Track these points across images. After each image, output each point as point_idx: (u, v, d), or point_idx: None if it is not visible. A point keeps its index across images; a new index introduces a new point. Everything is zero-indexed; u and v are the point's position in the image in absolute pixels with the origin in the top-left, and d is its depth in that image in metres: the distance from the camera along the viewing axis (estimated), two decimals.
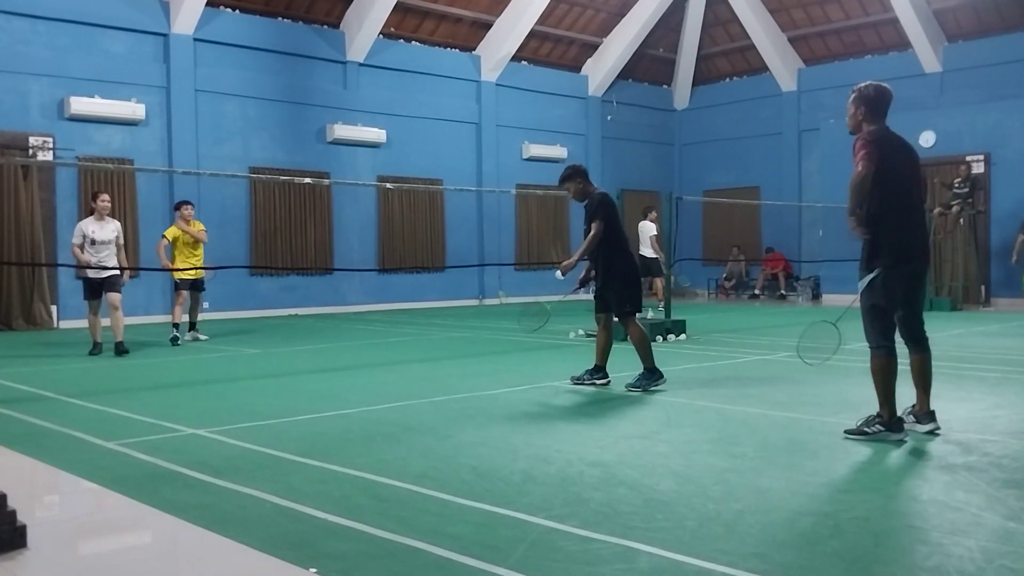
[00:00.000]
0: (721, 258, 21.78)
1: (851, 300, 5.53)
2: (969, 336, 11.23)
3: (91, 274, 9.97)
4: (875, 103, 5.25)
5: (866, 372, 5.60)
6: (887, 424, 5.11)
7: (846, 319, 5.70)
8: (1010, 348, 9.87)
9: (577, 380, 7.35)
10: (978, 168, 17.13)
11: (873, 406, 5.51)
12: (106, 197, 10.19)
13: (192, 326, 11.85)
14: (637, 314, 7.28)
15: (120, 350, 9.91)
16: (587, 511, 3.75)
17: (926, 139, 18.07)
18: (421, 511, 3.79)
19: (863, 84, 5.35)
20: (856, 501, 3.93)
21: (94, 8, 14.29)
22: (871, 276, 5.13)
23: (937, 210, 16.68)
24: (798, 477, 4.33)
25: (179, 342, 11.14)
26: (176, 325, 11.32)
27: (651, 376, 7.05)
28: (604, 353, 7.33)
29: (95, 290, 10.06)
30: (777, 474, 4.37)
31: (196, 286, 11.72)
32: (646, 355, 7.09)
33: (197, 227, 11.62)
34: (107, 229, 10.02)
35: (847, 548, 3.27)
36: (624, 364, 7.67)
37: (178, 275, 11.40)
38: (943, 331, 11.83)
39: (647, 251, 15.20)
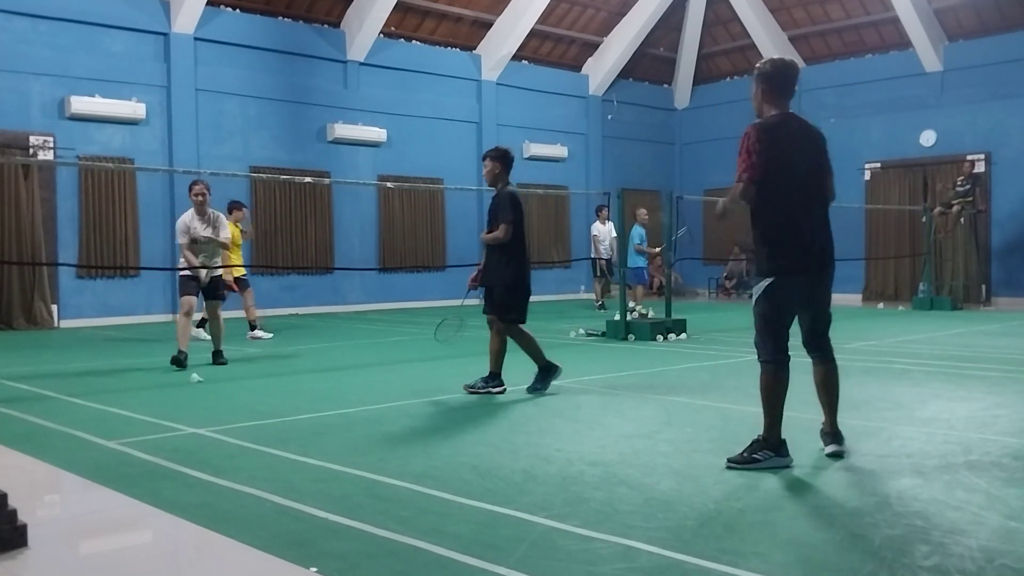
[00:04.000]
0: (722, 257, 21.77)
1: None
2: (970, 335, 11.23)
3: (196, 271, 8.75)
4: (774, 80, 4.63)
5: (866, 371, 5.61)
6: (774, 447, 4.56)
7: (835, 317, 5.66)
8: (1011, 347, 9.87)
9: (471, 389, 6.96)
10: (979, 167, 17.13)
11: (872, 405, 5.52)
12: (199, 189, 8.80)
13: (252, 325, 12.00)
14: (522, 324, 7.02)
15: (218, 360, 8.92)
16: (588, 510, 3.76)
17: (927, 138, 18.08)
18: (422, 510, 3.79)
19: (763, 60, 4.77)
20: (857, 500, 3.93)
21: (95, 7, 14.29)
22: (765, 284, 4.57)
23: (937, 209, 16.68)
24: (799, 476, 4.32)
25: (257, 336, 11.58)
26: (252, 322, 11.75)
27: (491, 381, 6.92)
28: (498, 358, 7.02)
29: (192, 287, 8.79)
30: (778, 473, 4.37)
31: (243, 284, 11.86)
32: (494, 360, 6.98)
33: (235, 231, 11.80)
34: (207, 227, 8.80)
35: (848, 547, 3.27)
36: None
37: (237, 272, 11.43)
38: (944, 330, 11.83)
39: (605, 252, 15.88)
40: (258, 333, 11.69)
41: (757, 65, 4.77)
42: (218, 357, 8.99)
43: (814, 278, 4.65)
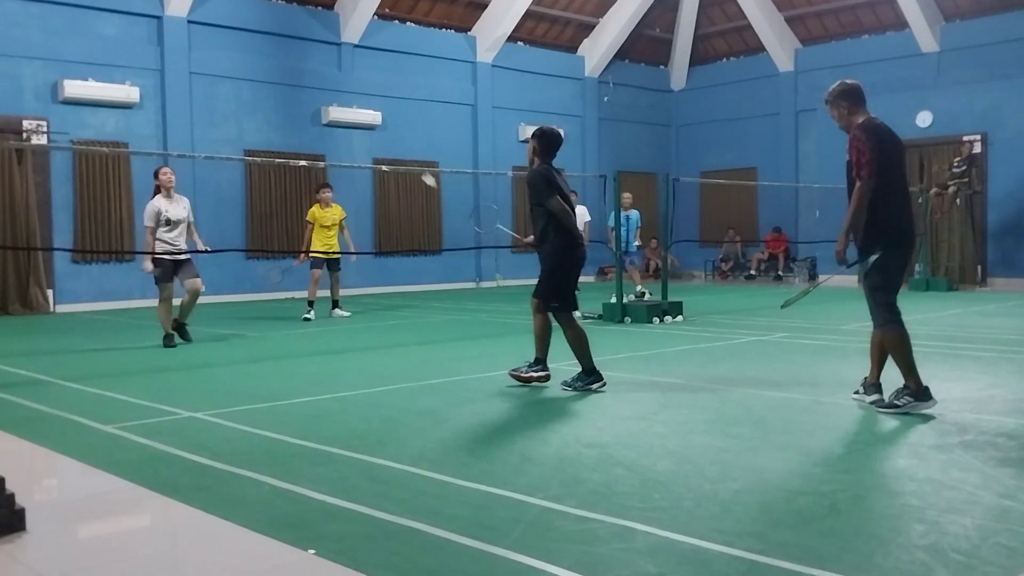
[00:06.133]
0: (718, 240, 21.78)
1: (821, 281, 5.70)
2: (965, 316, 11.25)
3: (168, 256, 9.06)
4: (851, 95, 5.44)
5: (862, 352, 5.65)
6: (915, 394, 5.23)
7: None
8: (1006, 328, 9.89)
9: (517, 375, 6.46)
10: (975, 148, 17.10)
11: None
12: (168, 171, 9.26)
13: (335, 304, 12.23)
14: (575, 311, 6.42)
15: (183, 333, 9.29)
16: (584, 491, 3.77)
17: (923, 119, 18.02)
18: (419, 492, 3.80)
19: (830, 88, 5.53)
20: (852, 480, 3.95)
21: None
22: (872, 259, 5.30)
23: (933, 190, 16.66)
24: (794, 457, 4.34)
25: (310, 318, 11.65)
26: (310, 303, 11.86)
27: (587, 377, 6.25)
28: (542, 343, 6.39)
29: (169, 273, 9.15)
30: (773, 454, 4.39)
31: (332, 265, 12.12)
32: (582, 356, 6.28)
33: (336, 212, 12.06)
34: (179, 207, 9.15)
35: (843, 527, 3.29)
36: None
37: (313, 254, 11.91)
38: (939, 311, 11.85)
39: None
40: (338, 311, 12.06)
41: (830, 90, 5.52)
42: (183, 331, 9.30)
43: (908, 251, 5.45)
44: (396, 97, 17.81)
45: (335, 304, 12.23)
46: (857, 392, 5.65)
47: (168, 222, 9.02)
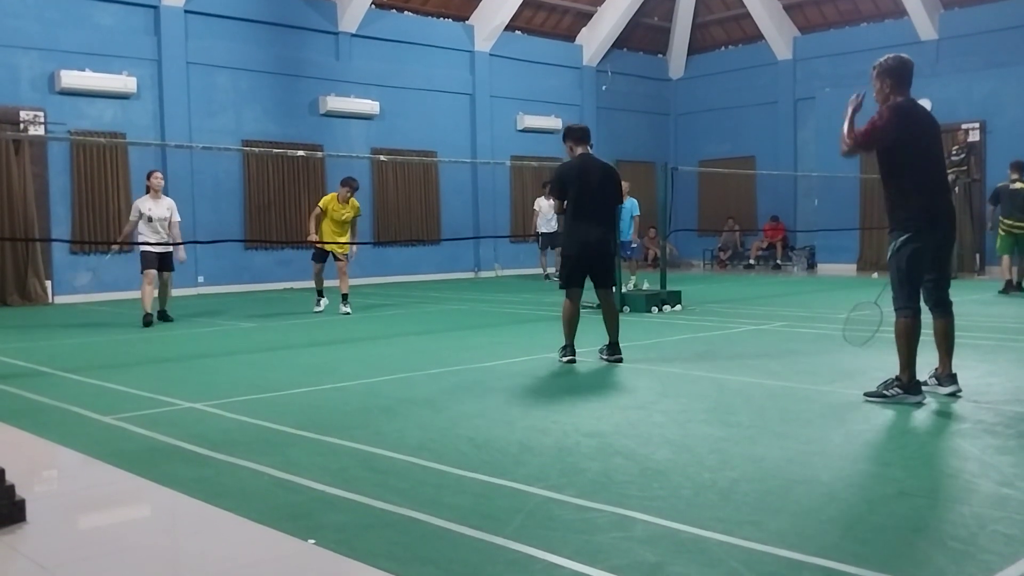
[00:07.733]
0: (716, 229, 21.76)
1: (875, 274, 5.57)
2: (963, 304, 11.22)
3: (154, 248, 10.31)
4: (898, 74, 5.33)
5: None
6: (906, 387, 5.18)
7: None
8: (1004, 316, 9.91)
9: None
10: (973, 136, 17.08)
11: (868, 375, 5.53)
12: (159, 175, 10.66)
13: (344, 297, 11.62)
14: (574, 290, 7.11)
15: (165, 317, 10.57)
16: (584, 481, 3.78)
17: None
18: (419, 482, 3.81)
19: (884, 58, 5.39)
20: (850, 469, 3.96)
21: None
22: (900, 240, 5.18)
23: None
24: (793, 446, 4.35)
25: (320, 310, 11.68)
26: (319, 292, 11.84)
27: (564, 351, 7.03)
28: (566, 328, 7.11)
29: (153, 262, 10.30)
30: (772, 443, 4.40)
31: (336, 255, 11.63)
32: (567, 333, 7.06)
33: (351, 209, 11.64)
34: (162, 206, 10.43)
35: (841, 515, 3.30)
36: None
37: (343, 248, 11.60)
38: None
39: (547, 227, 16.43)
40: (342, 307, 11.52)
41: (878, 62, 5.38)
42: (165, 316, 10.61)
43: (942, 240, 5.28)
44: (394, 87, 17.76)
45: (344, 298, 11.68)
46: (925, 384, 5.37)
47: (151, 219, 10.33)
